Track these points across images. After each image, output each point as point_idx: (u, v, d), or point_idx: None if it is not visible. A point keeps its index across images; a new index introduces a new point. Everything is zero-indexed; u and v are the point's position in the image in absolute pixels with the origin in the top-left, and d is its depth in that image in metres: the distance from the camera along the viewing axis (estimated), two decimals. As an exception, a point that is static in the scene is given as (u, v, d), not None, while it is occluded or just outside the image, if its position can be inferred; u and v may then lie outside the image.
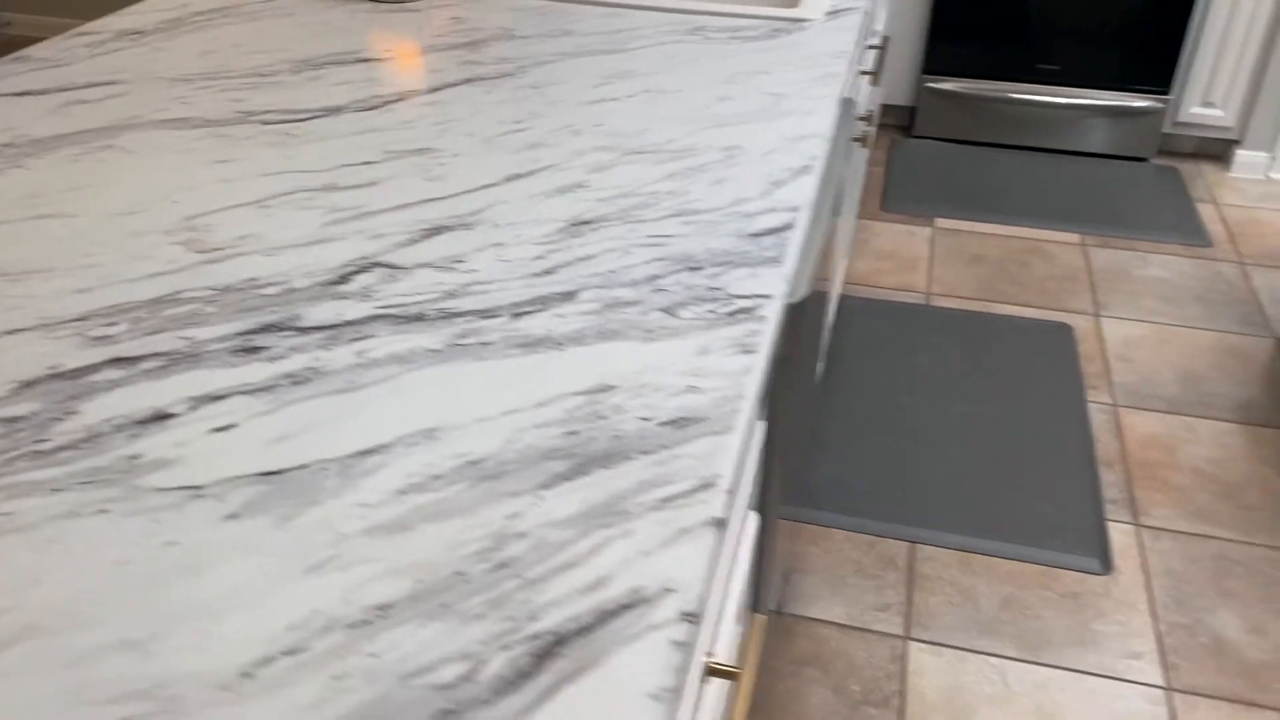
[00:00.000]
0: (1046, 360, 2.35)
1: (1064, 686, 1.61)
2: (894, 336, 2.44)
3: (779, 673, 1.63)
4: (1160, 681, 1.62)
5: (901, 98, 3.43)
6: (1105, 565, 1.83)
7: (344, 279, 0.82)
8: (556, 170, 1.01)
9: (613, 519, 0.61)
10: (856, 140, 1.85)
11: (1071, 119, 3.28)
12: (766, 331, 0.79)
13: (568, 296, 0.82)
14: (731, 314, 0.80)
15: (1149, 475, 2.03)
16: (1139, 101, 3.22)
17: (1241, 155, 3.22)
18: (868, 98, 2.01)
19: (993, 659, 1.66)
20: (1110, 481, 2.01)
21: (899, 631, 1.70)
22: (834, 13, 1.47)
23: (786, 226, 0.93)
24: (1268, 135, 3.18)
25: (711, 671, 0.71)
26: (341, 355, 0.73)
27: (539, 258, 0.87)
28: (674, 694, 0.52)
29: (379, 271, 0.84)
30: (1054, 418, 2.17)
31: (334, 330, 0.76)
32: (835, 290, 2.27)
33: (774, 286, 0.84)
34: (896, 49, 3.35)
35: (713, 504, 0.62)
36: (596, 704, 0.50)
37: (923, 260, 2.76)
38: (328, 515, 0.60)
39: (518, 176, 1.00)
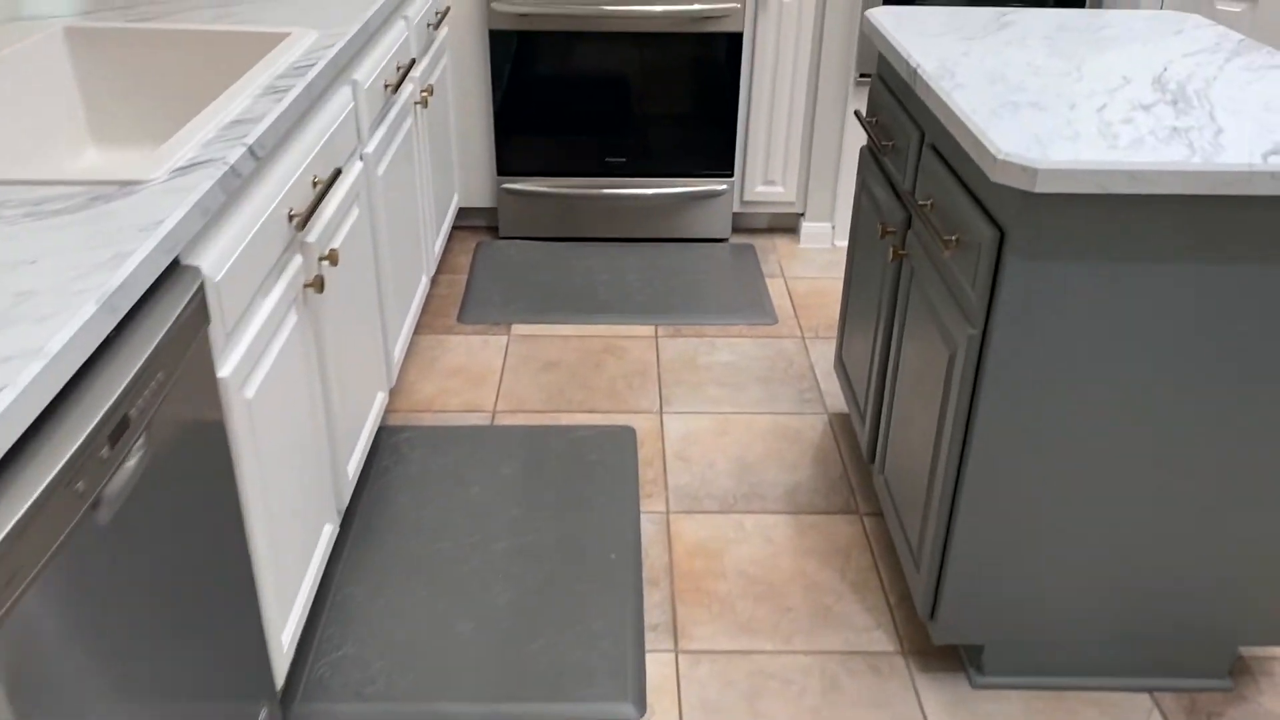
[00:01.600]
0: (606, 472, 2.26)
1: None
2: (449, 468, 2.26)
3: None
4: (683, 840, 1.51)
5: (482, 199, 3.33)
6: (640, 707, 1.70)
7: None
8: None
9: None
10: (310, 285, 1.66)
11: (649, 208, 3.30)
12: None
13: None
14: None
15: (694, 588, 1.95)
16: (708, 185, 3.29)
17: (807, 227, 3.35)
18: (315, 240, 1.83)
19: None
20: (654, 604, 1.91)
21: (402, 844, 1.49)
22: (184, 169, 1.28)
23: None
24: (826, 206, 3.34)
25: None
26: None
27: None
28: None
29: None
30: (604, 539, 2.06)
31: None
32: (364, 434, 2.07)
33: None
34: (469, 152, 3.25)
35: None
36: None
37: (494, 374, 2.62)
38: None
39: None
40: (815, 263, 3.26)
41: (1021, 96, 1.57)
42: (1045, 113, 1.50)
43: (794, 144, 3.26)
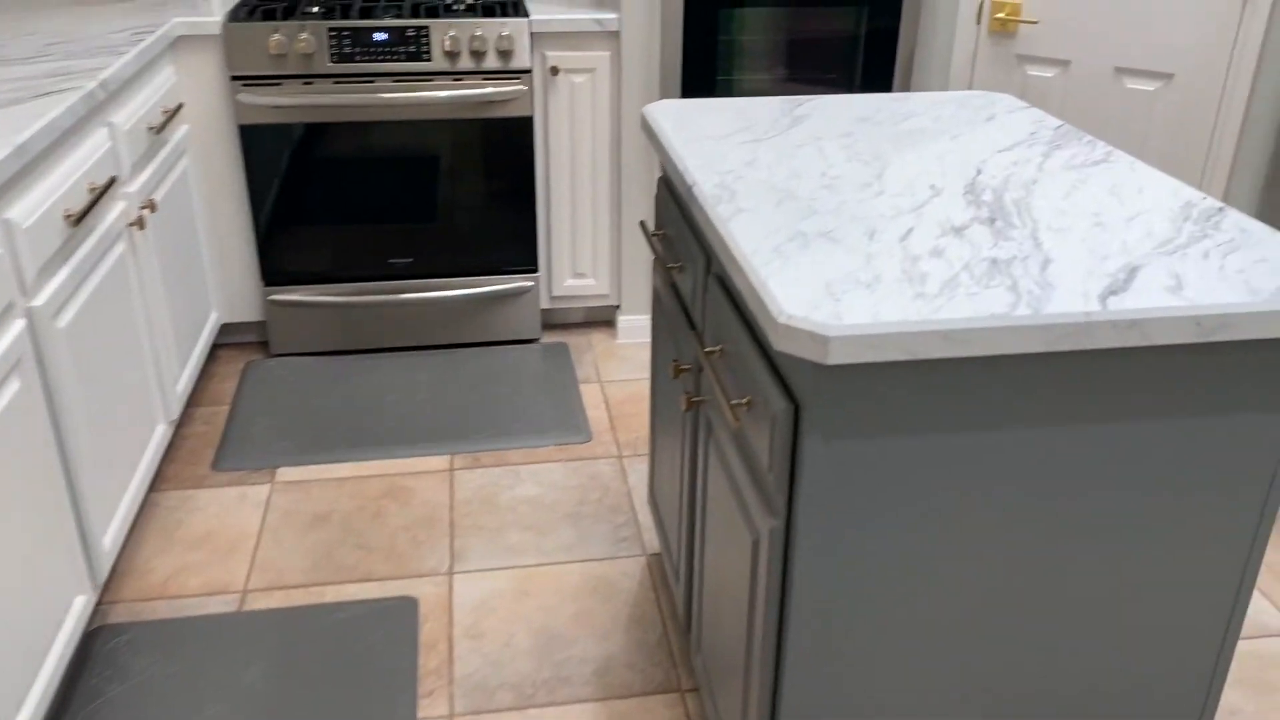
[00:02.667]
0: (377, 665, 1.86)
1: None
2: (181, 680, 1.83)
3: None
4: None
5: (249, 313, 2.90)
6: None
7: None
8: None
9: None
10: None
11: (444, 312, 2.94)
12: None
13: None
14: None
15: (479, 828, 1.58)
16: (511, 283, 2.95)
17: (624, 321, 3.05)
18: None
19: None
20: None
21: None
22: None
23: None
24: (642, 297, 3.04)
25: None
26: None
27: None
28: None
29: None
30: (372, 763, 1.67)
31: None
32: (50, 663, 1.62)
33: None
34: (229, 263, 2.82)
35: None
36: None
37: (249, 538, 2.19)
38: None
39: None
40: (634, 360, 2.95)
41: (812, 223, 1.29)
42: (840, 246, 1.22)
43: (602, 232, 2.96)
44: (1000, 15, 2.65)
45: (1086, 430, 1.16)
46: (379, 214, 2.81)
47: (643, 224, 1.80)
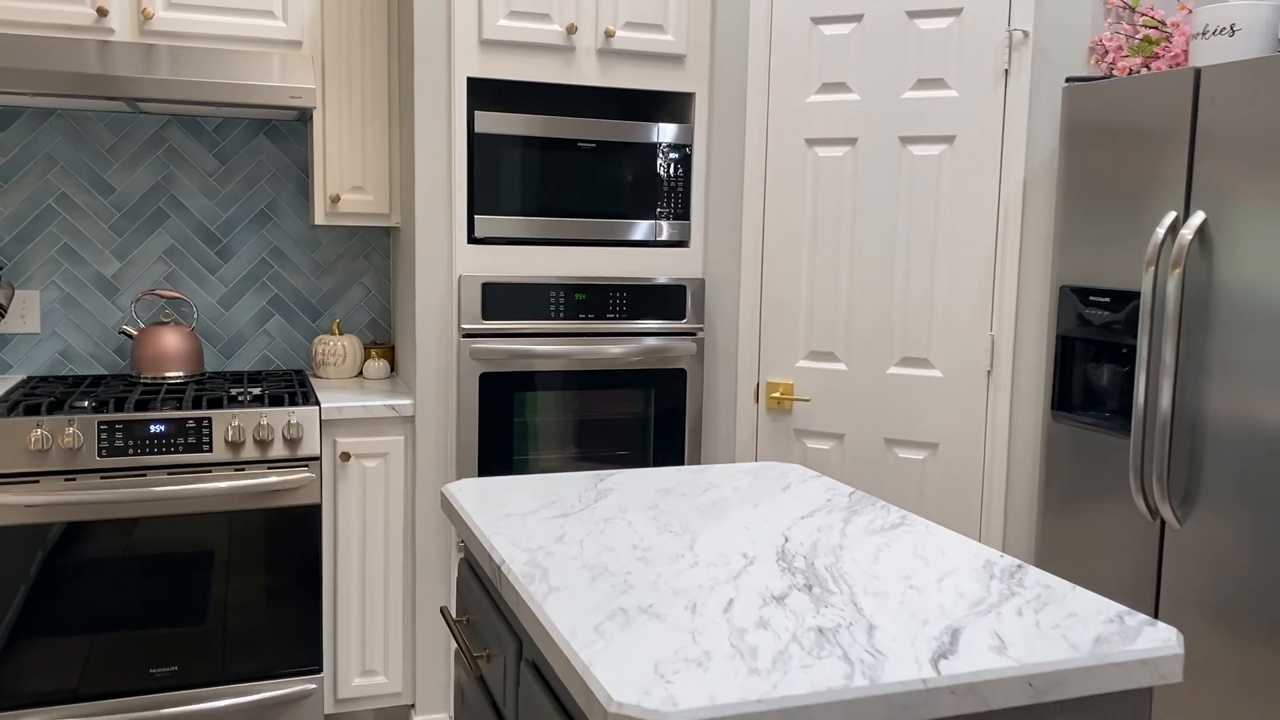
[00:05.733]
0: None
1: None
2: None
3: None
4: None
5: (-34, 747, 2.44)
6: None
7: None
8: None
9: None
10: None
11: (212, 725, 2.58)
12: None
13: None
14: None
15: None
16: (290, 687, 2.65)
17: (420, 721, 2.78)
18: None
19: None
20: None
21: None
22: None
23: None
24: (441, 693, 2.80)
25: None
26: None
27: None
28: None
29: None
30: None
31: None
32: None
33: None
34: (-52, 683, 2.41)
35: None
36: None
37: None
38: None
39: None
40: (432, 768, 2.65)
41: (631, 598, 1.22)
42: (663, 622, 1.15)
43: (395, 623, 2.76)
44: (776, 395, 2.85)
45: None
46: (142, 619, 2.51)
47: (444, 610, 1.68)
